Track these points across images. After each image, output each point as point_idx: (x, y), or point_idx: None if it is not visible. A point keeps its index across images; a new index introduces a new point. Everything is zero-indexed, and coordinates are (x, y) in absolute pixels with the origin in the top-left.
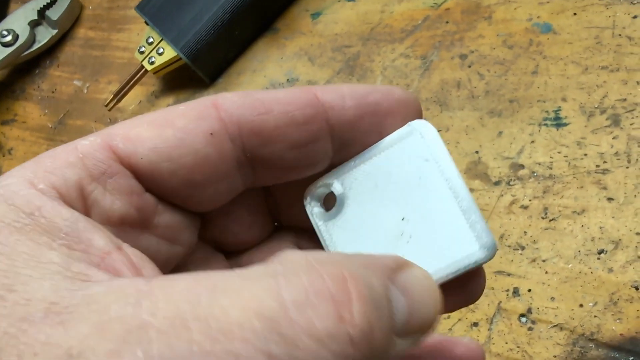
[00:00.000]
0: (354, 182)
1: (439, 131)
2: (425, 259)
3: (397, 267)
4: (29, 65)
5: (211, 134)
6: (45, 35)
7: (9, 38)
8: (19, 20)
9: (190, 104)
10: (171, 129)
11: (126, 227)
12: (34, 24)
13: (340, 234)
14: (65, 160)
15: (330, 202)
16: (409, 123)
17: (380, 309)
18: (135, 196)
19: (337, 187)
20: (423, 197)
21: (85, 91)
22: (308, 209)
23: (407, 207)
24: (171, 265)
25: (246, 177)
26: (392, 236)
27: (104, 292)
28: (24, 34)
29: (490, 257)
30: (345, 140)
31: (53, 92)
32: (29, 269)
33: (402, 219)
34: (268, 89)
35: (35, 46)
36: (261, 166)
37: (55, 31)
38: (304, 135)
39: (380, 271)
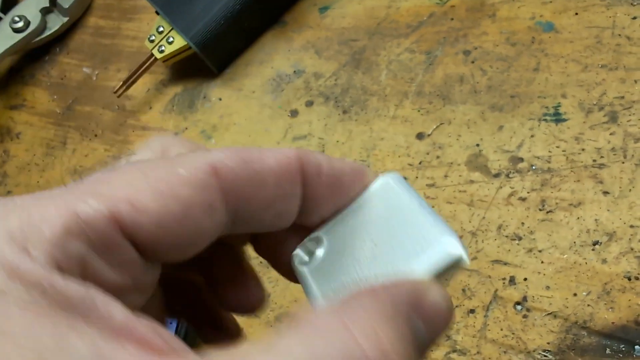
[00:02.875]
0: (333, 229)
1: (441, 124)
2: (396, 268)
3: (417, 296)
4: (39, 51)
5: (210, 205)
6: (56, 22)
7: (20, 24)
8: (30, 7)
9: (188, 166)
10: (176, 202)
11: (118, 292)
12: (45, 11)
13: (322, 276)
14: (65, 228)
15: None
16: (379, 175)
17: (410, 355)
18: (132, 266)
19: (321, 239)
20: (391, 224)
21: (94, 78)
22: (294, 263)
23: (377, 235)
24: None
25: (223, 232)
26: (366, 260)
27: None
28: (35, 20)
29: (463, 257)
30: (311, 207)
31: (62, 79)
32: None
33: (374, 245)
34: (259, 148)
35: (46, 33)
36: (239, 226)
37: (66, 19)
38: (284, 205)
39: (403, 308)
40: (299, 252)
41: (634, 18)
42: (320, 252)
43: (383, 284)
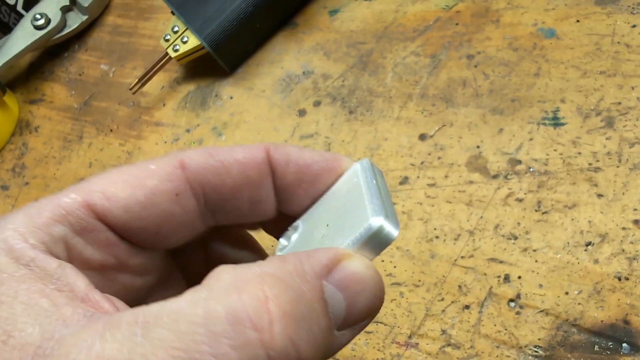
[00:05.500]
0: (309, 216)
1: (443, 126)
2: (335, 241)
3: (331, 263)
4: (58, 48)
5: (177, 194)
6: (75, 20)
7: (41, 22)
8: (51, 5)
9: (160, 163)
10: (142, 190)
11: (105, 270)
12: (65, 10)
13: None
14: (51, 217)
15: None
16: (354, 163)
17: (308, 318)
18: (111, 246)
19: (298, 226)
20: (344, 205)
21: (111, 75)
22: (277, 249)
23: (332, 216)
24: (144, 292)
25: (207, 221)
26: (316, 240)
27: (73, 333)
28: (55, 18)
29: (381, 227)
30: (287, 196)
31: (80, 75)
32: (25, 316)
33: (327, 225)
34: (227, 146)
35: (66, 31)
36: (220, 214)
37: (85, 17)
38: (255, 192)
39: (312, 274)
40: (280, 240)
41: (634, 26)
42: (294, 237)
43: (298, 253)
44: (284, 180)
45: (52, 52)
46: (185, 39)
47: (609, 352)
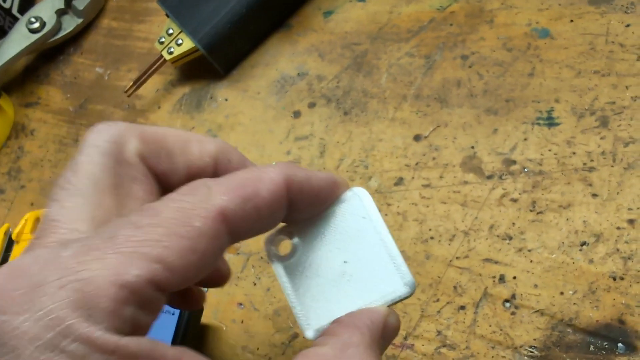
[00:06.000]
0: (306, 232)
1: (437, 126)
2: (362, 294)
3: (382, 325)
4: (54, 51)
5: (221, 249)
6: (70, 23)
7: (36, 25)
8: (46, 9)
9: (202, 218)
10: (196, 255)
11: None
12: (60, 13)
13: (293, 272)
14: (118, 300)
15: (285, 247)
16: (351, 188)
17: None
18: (162, 306)
19: (293, 236)
20: (360, 246)
21: (106, 78)
22: (268, 251)
23: (347, 253)
24: None
25: None
26: (336, 274)
27: None
28: (50, 21)
29: (411, 293)
30: (289, 216)
31: (75, 78)
32: None
33: (344, 261)
34: (250, 175)
35: (61, 34)
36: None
37: (80, 20)
38: (275, 222)
39: (380, 340)
40: (272, 248)
41: (628, 25)
42: (293, 249)
43: (359, 316)
44: (296, 205)
45: (48, 55)
46: (179, 42)
47: (604, 352)
